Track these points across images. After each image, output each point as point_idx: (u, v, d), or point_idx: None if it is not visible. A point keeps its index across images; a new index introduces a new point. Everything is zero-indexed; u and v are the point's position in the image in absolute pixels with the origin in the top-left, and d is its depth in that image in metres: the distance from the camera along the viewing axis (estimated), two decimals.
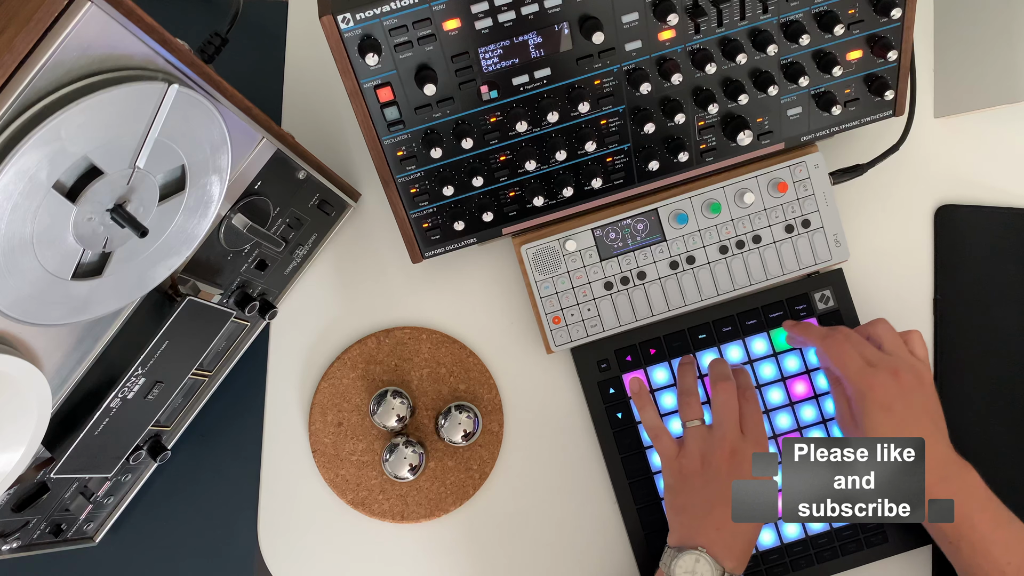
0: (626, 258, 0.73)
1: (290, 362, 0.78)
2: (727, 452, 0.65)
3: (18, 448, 0.57)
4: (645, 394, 0.71)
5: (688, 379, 0.70)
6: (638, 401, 0.71)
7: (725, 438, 0.66)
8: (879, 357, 0.66)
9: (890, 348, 0.66)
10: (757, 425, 0.67)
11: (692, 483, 0.66)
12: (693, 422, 0.68)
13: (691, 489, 0.66)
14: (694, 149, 0.71)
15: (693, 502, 0.65)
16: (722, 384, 0.68)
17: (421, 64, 0.62)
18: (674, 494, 0.67)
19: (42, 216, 0.48)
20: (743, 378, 0.70)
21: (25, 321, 0.51)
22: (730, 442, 0.65)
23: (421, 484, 0.76)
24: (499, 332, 0.77)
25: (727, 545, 0.63)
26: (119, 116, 0.48)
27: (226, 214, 0.64)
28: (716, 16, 0.64)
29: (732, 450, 0.65)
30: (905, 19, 0.67)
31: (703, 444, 0.66)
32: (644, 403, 0.71)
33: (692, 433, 0.67)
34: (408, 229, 0.71)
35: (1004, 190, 0.77)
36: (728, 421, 0.66)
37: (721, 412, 0.67)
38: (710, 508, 0.64)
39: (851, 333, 0.68)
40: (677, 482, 0.67)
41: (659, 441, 0.69)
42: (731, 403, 0.67)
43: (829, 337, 0.67)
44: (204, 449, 0.89)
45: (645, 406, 0.71)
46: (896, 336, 0.68)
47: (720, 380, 0.68)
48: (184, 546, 0.91)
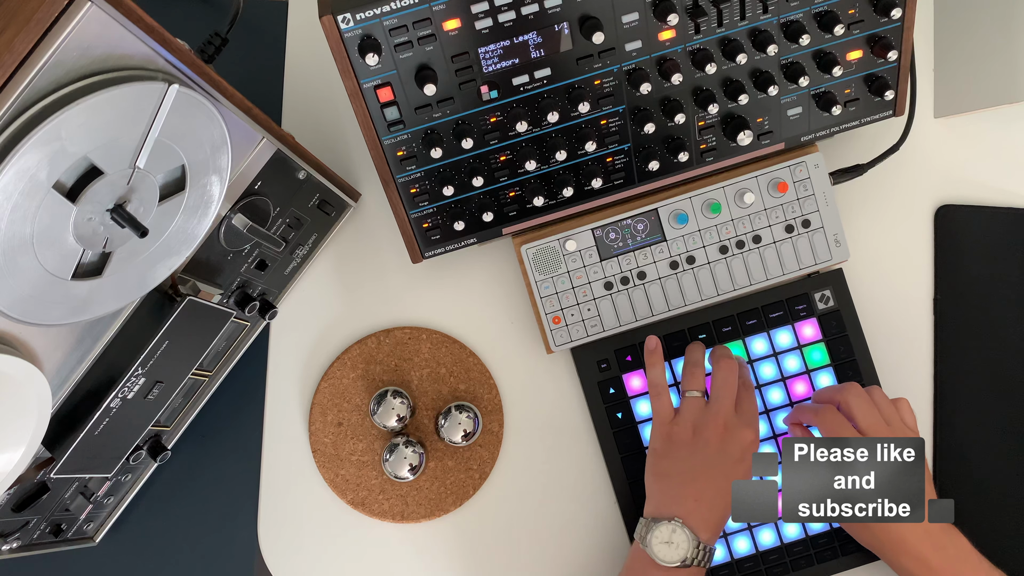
0: (626, 258, 0.73)
1: (290, 362, 0.78)
2: (720, 426, 0.66)
3: (18, 448, 0.57)
4: (659, 354, 0.71)
5: (695, 353, 0.71)
6: (650, 359, 0.71)
7: (720, 413, 0.66)
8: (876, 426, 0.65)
9: (886, 417, 0.67)
10: (751, 408, 0.68)
11: (679, 451, 0.66)
12: (693, 392, 0.68)
13: (677, 457, 0.66)
14: (694, 149, 0.71)
15: (677, 469, 0.66)
16: (725, 362, 0.69)
17: (421, 64, 0.62)
18: (658, 457, 0.67)
19: (42, 216, 0.48)
20: (744, 372, 0.71)
21: (25, 321, 0.51)
22: (724, 417, 0.66)
23: (421, 484, 0.76)
24: (499, 332, 0.78)
25: (704, 517, 0.63)
26: (119, 116, 0.48)
27: (226, 214, 0.64)
28: (716, 16, 0.64)
29: (725, 425, 0.66)
30: (905, 19, 0.67)
31: (698, 415, 0.67)
32: (655, 360, 0.71)
33: (689, 403, 0.68)
34: (408, 229, 0.71)
35: (1004, 190, 0.77)
36: (725, 397, 0.67)
37: (720, 388, 0.67)
38: (692, 478, 0.65)
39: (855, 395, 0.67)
40: (664, 446, 0.67)
41: (658, 399, 0.69)
42: (731, 380, 0.68)
43: (823, 412, 0.67)
44: (204, 449, 0.89)
45: (655, 364, 0.70)
46: (891, 405, 0.68)
47: (724, 358, 0.69)
48: (184, 546, 0.91)
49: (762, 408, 0.74)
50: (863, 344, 0.75)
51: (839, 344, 0.74)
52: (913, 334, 0.76)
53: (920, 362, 0.76)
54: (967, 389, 0.75)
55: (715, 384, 0.68)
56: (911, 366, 0.75)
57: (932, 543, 0.64)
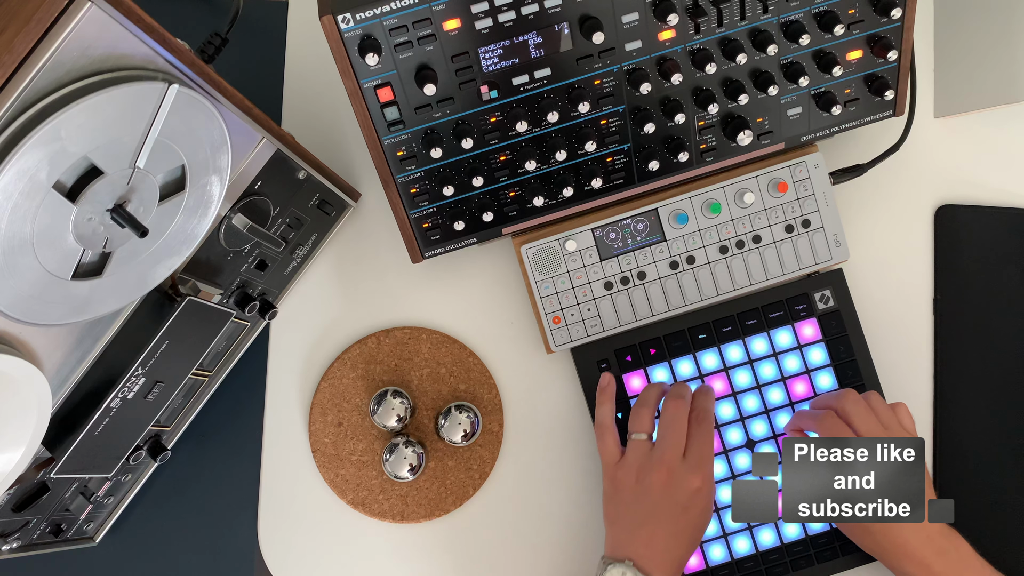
0: (626, 258, 0.73)
1: (290, 362, 0.78)
2: (663, 474, 0.64)
3: (18, 448, 0.57)
4: (610, 392, 0.71)
5: (649, 393, 0.69)
6: (600, 396, 0.71)
7: (663, 458, 0.65)
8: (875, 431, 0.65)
9: (885, 422, 0.66)
10: (701, 452, 0.65)
11: (624, 496, 0.65)
12: (639, 435, 0.67)
13: (622, 501, 0.65)
14: (694, 149, 0.71)
15: (624, 514, 0.65)
16: (673, 401, 0.67)
17: (421, 64, 0.62)
18: (607, 500, 0.67)
19: (42, 216, 0.48)
20: (702, 401, 0.68)
21: (25, 321, 0.51)
22: (668, 464, 0.64)
23: (421, 484, 0.76)
24: (499, 332, 0.78)
25: (658, 561, 0.63)
26: (119, 116, 0.48)
27: (226, 214, 0.64)
28: (716, 16, 0.64)
29: (669, 472, 0.64)
30: (905, 19, 0.67)
31: (642, 459, 0.66)
32: (604, 399, 0.71)
33: (634, 445, 0.67)
34: (408, 229, 0.71)
35: (1004, 190, 0.77)
36: (670, 441, 0.65)
37: (665, 430, 0.66)
38: (640, 524, 0.64)
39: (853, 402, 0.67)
40: (611, 490, 0.67)
41: (602, 441, 0.69)
42: (678, 422, 0.66)
43: (824, 420, 0.67)
44: (204, 449, 0.89)
45: (604, 402, 0.70)
46: (889, 410, 0.67)
47: (673, 398, 0.67)
48: (184, 546, 0.91)
49: (762, 408, 0.74)
50: (863, 344, 0.75)
51: (839, 344, 0.74)
52: (913, 334, 0.76)
53: (920, 362, 0.76)
54: (967, 389, 0.75)
55: (661, 427, 0.67)
56: (911, 366, 0.75)
57: (934, 548, 0.63)
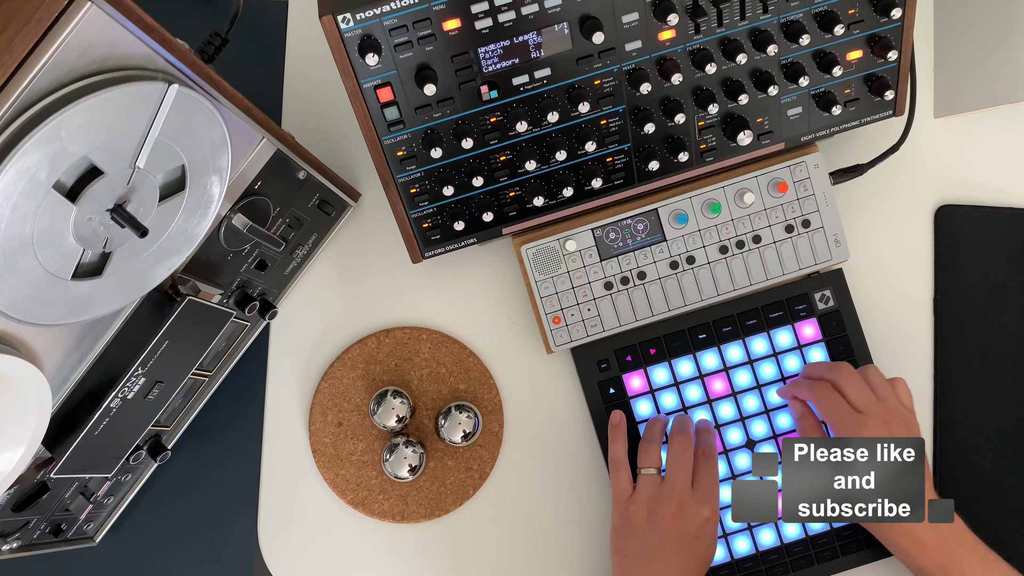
0: (626, 258, 0.73)
1: (290, 362, 0.78)
2: (674, 506, 0.65)
3: (18, 448, 0.57)
4: (622, 428, 0.71)
5: (654, 429, 0.70)
6: (612, 433, 0.71)
7: (674, 491, 0.66)
8: (870, 404, 0.65)
9: (881, 395, 0.66)
10: (709, 482, 0.67)
11: (636, 530, 0.66)
12: (648, 469, 0.68)
13: (634, 536, 0.66)
14: (694, 149, 0.71)
15: (635, 549, 0.66)
16: (679, 437, 0.68)
17: (421, 64, 0.62)
18: (619, 536, 0.67)
19: (42, 216, 0.48)
20: (706, 437, 0.70)
21: (25, 321, 0.51)
22: (678, 496, 0.66)
23: (421, 484, 0.76)
24: (499, 332, 0.77)
25: None
26: (119, 116, 0.48)
27: (226, 214, 0.64)
28: (716, 16, 0.64)
29: (679, 504, 0.65)
30: (905, 19, 0.67)
31: (653, 493, 0.67)
32: (616, 436, 0.71)
33: (644, 481, 0.67)
34: (408, 229, 0.71)
35: (1004, 190, 0.77)
36: (679, 474, 0.66)
37: (674, 464, 0.67)
38: (652, 558, 0.65)
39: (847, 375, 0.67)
40: (622, 525, 0.67)
41: (616, 477, 0.69)
42: (685, 457, 0.67)
43: (818, 388, 0.67)
44: (204, 449, 0.89)
45: (616, 440, 0.71)
46: (886, 384, 0.67)
47: (677, 433, 0.69)
48: (184, 546, 0.91)
49: (762, 408, 0.74)
50: (863, 344, 0.75)
51: (839, 344, 0.74)
52: (913, 334, 0.76)
53: (920, 362, 0.76)
54: (967, 389, 0.75)
55: (669, 461, 0.68)
56: (911, 366, 0.75)
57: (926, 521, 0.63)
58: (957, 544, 0.63)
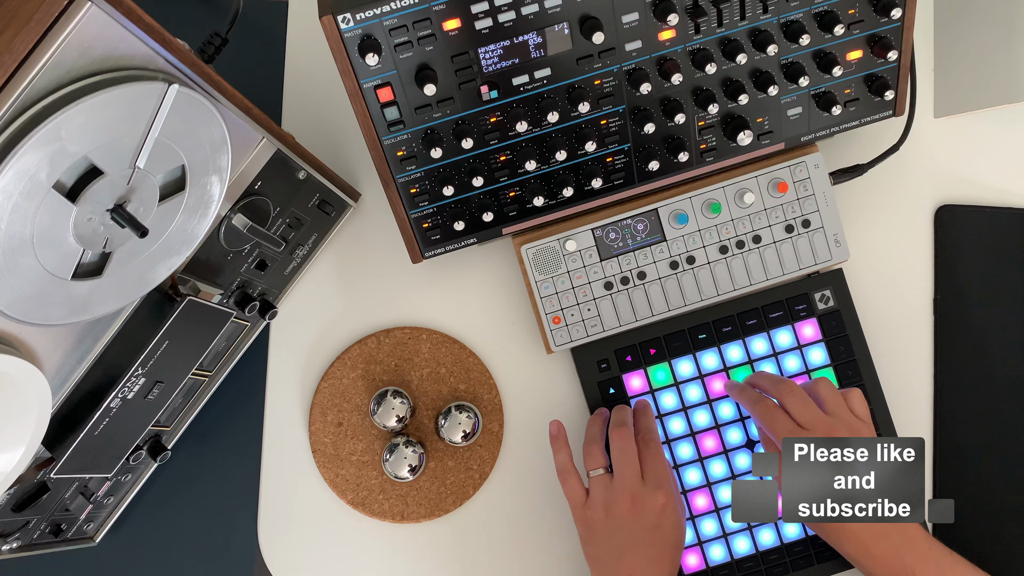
0: (626, 258, 0.73)
1: (290, 362, 0.78)
2: (628, 500, 0.65)
3: (18, 448, 0.57)
4: (562, 438, 0.71)
5: (592, 429, 0.70)
6: (553, 444, 0.71)
7: (625, 486, 0.66)
8: (814, 420, 0.64)
9: (830, 409, 0.66)
10: (657, 469, 0.66)
11: (599, 533, 0.66)
12: (596, 471, 0.68)
13: (599, 539, 0.66)
14: (694, 149, 0.71)
15: (603, 551, 0.66)
16: (616, 432, 0.68)
17: (421, 64, 0.62)
18: (584, 543, 0.67)
19: (42, 216, 0.48)
20: (643, 419, 0.70)
21: (25, 321, 0.51)
22: (630, 490, 0.65)
23: (421, 484, 0.76)
24: (499, 332, 0.77)
25: None
26: (119, 116, 0.48)
27: (226, 214, 0.64)
28: (716, 16, 0.64)
29: (632, 498, 0.65)
30: (905, 19, 0.67)
31: (606, 493, 0.66)
32: (559, 447, 0.70)
33: (595, 482, 0.67)
34: (408, 229, 0.71)
35: (1004, 190, 0.77)
36: (626, 469, 0.66)
37: (619, 460, 0.67)
38: (620, 556, 0.65)
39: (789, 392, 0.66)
40: (586, 532, 0.67)
41: (567, 485, 0.69)
42: (628, 449, 0.67)
43: (760, 403, 0.67)
44: (204, 449, 0.89)
45: (559, 449, 0.70)
46: (837, 396, 0.66)
47: (615, 427, 0.68)
48: (184, 546, 0.91)
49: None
50: (863, 344, 0.75)
51: (839, 344, 0.74)
52: (913, 334, 0.76)
53: (920, 362, 0.76)
54: (967, 389, 0.75)
55: (613, 458, 0.67)
56: (911, 366, 0.75)
57: (874, 530, 0.63)
58: (910, 552, 0.62)
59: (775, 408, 0.66)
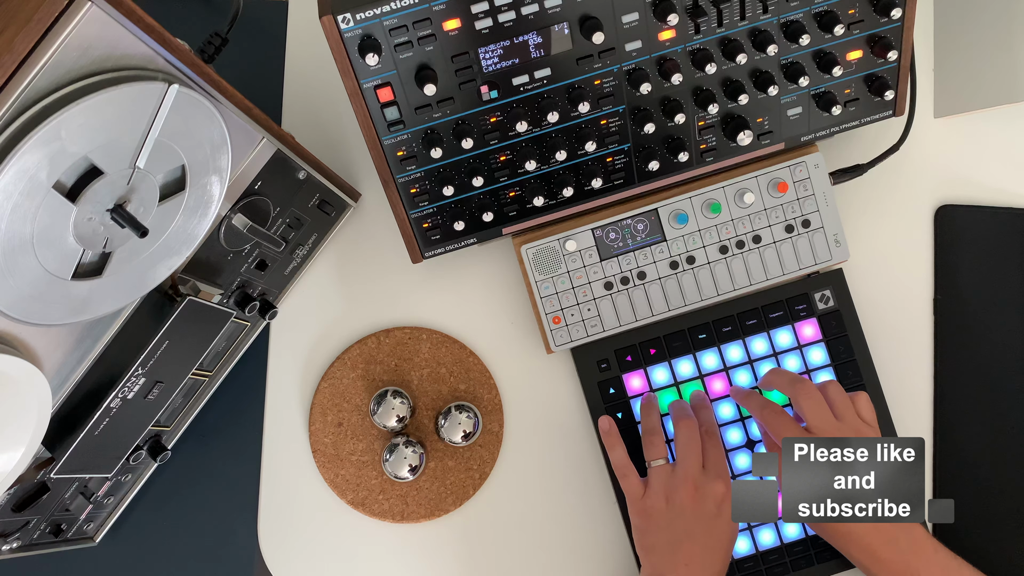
0: (626, 258, 0.73)
1: (290, 362, 0.78)
2: (691, 489, 0.66)
3: (18, 448, 0.57)
4: (615, 434, 0.71)
5: (652, 418, 0.71)
6: (607, 440, 0.71)
7: (688, 475, 0.66)
8: (824, 424, 0.64)
9: (839, 413, 0.66)
10: (719, 461, 0.68)
11: (658, 522, 0.66)
12: (658, 461, 0.68)
13: (657, 528, 0.66)
14: (694, 149, 0.71)
15: (660, 540, 0.66)
16: (683, 422, 0.69)
17: (421, 64, 0.62)
18: (641, 534, 0.68)
19: (42, 216, 0.48)
20: (706, 415, 0.70)
21: (25, 321, 0.51)
22: (693, 479, 0.66)
23: (421, 484, 0.76)
24: (499, 332, 0.78)
25: None
26: (119, 116, 0.48)
27: (226, 214, 0.64)
28: (716, 16, 0.64)
29: (695, 486, 0.66)
30: (905, 19, 0.67)
31: (667, 482, 0.67)
32: (613, 443, 0.71)
33: (656, 472, 0.68)
34: (408, 229, 0.71)
35: (1004, 190, 0.77)
36: (690, 458, 0.67)
37: (683, 449, 0.67)
38: (677, 545, 0.65)
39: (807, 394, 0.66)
40: (643, 522, 0.67)
41: (626, 480, 0.69)
42: (693, 440, 0.68)
43: (766, 408, 0.67)
44: (204, 449, 0.89)
45: (614, 446, 0.71)
46: (846, 400, 0.66)
47: (681, 418, 0.69)
48: (184, 546, 0.91)
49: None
50: (863, 344, 0.75)
51: (839, 344, 0.74)
52: (913, 334, 0.76)
53: (920, 362, 0.76)
54: (967, 389, 0.75)
55: (678, 448, 0.68)
56: (911, 366, 0.75)
57: (881, 535, 0.63)
58: (916, 557, 0.63)
59: (781, 413, 0.66)
